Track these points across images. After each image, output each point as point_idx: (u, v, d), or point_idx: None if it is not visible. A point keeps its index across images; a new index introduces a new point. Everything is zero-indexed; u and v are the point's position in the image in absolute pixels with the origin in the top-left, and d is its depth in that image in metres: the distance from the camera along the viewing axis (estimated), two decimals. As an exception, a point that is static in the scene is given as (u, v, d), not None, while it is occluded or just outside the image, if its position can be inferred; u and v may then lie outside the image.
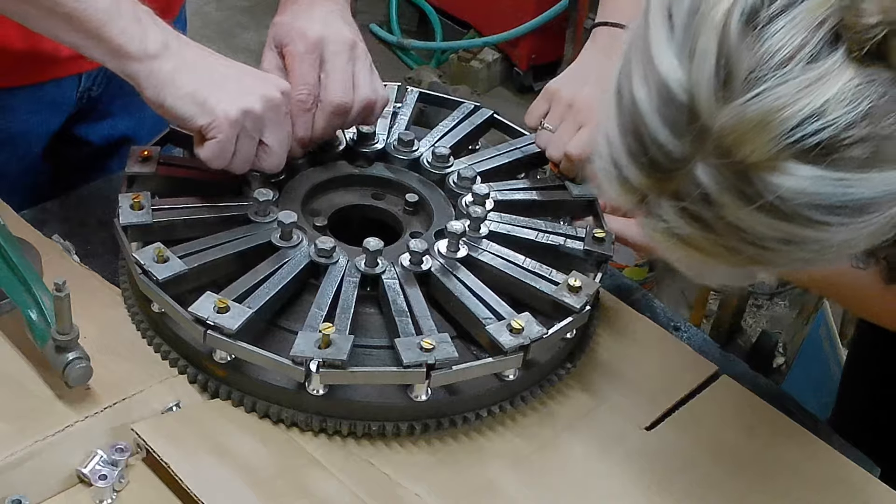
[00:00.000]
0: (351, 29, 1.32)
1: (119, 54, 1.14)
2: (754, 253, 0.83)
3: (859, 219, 0.80)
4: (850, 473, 1.18)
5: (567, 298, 1.19)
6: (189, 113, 1.16)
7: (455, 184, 1.32)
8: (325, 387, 1.10)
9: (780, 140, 0.76)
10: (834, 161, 0.77)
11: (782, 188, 0.78)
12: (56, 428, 1.06)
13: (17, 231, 1.21)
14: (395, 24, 4.02)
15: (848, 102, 0.75)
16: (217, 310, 1.09)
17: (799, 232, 0.81)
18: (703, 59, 0.78)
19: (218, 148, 1.17)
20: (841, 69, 0.76)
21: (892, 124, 0.77)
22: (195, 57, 1.19)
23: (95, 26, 1.12)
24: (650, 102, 0.81)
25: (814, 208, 0.79)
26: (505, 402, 1.17)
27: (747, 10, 0.77)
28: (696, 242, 0.85)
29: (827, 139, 0.76)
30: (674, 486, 1.14)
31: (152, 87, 1.16)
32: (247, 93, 1.18)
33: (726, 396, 1.26)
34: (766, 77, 0.76)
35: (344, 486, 1.06)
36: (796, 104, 0.76)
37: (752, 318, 3.06)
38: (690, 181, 0.81)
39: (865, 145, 0.77)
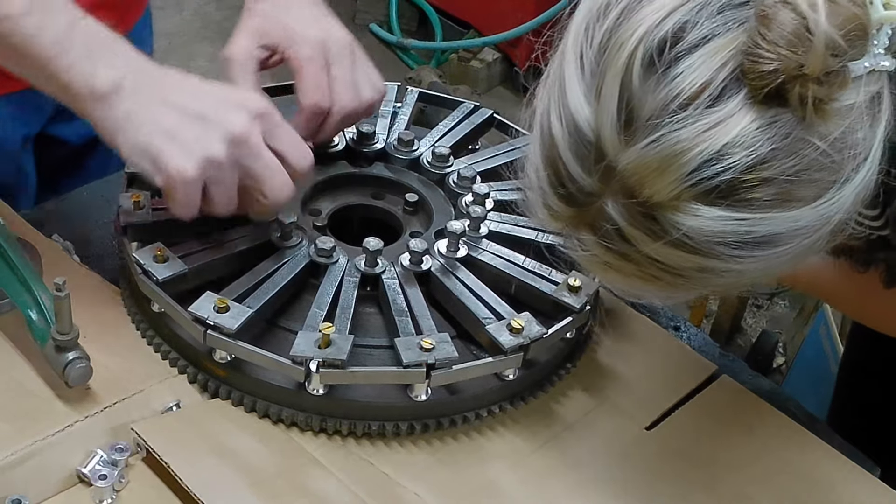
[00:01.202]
0: (338, 23, 1.27)
1: (67, 93, 1.04)
2: (674, 280, 0.85)
3: (770, 251, 0.82)
4: (849, 473, 1.18)
5: (567, 298, 1.19)
6: (143, 169, 1.07)
7: (455, 183, 1.32)
8: (325, 386, 1.10)
9: (680, 183, 0.78)
10: (735, 202, 0.79)
11: (686, 227, 0.80)
12: (56, 428, 1.06)
13: (17, 231, 1.21)
14: (395, 24, 4.02)
15: (748, 146, 0.77)
16: (217, 310, 1.09)
17: (712, 264, 0.82)
18: (607, 100, 0.80)
19: (179, 207, 1.08)
20: (741, 112, 0.77)
21: (794, 165, 0.78)
22: (150, 97, 1.06)
23: (44, 61, 1.02)
24: (564, 138, 0.83)
25: (720, 244, 0.81)
26: (505, 402, 1.17)
27: (650, 54, 0.78)
28: (619, 269, 0.87)
29: (727, 182, 0.78)
30: (674, 486, 1.14)
31: (105, 132, 1.06)
32: (207, 138, 1.05)
33: (726, 396, 1.26)
34: (667, 121, 0.77)
35: (344, 486, 1.06)
36: (695, 148, 0.77)
37: (752, 318, 3.06)
38: (603, 215, 0.83)
39: (768, 187, 0.79)
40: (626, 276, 0.87)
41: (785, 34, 0.75)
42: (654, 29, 0.78)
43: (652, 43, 0.78)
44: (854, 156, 0.81)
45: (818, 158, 0.79)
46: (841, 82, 0.77)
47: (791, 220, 0.81)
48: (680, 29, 0.78)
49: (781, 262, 0.85)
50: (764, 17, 0.76)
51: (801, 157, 0.78)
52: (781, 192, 0.79)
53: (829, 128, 0.79)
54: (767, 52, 0.75)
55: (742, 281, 0.87)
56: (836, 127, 0.79)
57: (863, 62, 0.79)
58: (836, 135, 0.79)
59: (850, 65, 0.78)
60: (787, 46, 0.75)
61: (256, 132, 1.08)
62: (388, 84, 1.49)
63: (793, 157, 0.78)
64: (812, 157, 0.79)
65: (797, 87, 0.76)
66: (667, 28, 0.78)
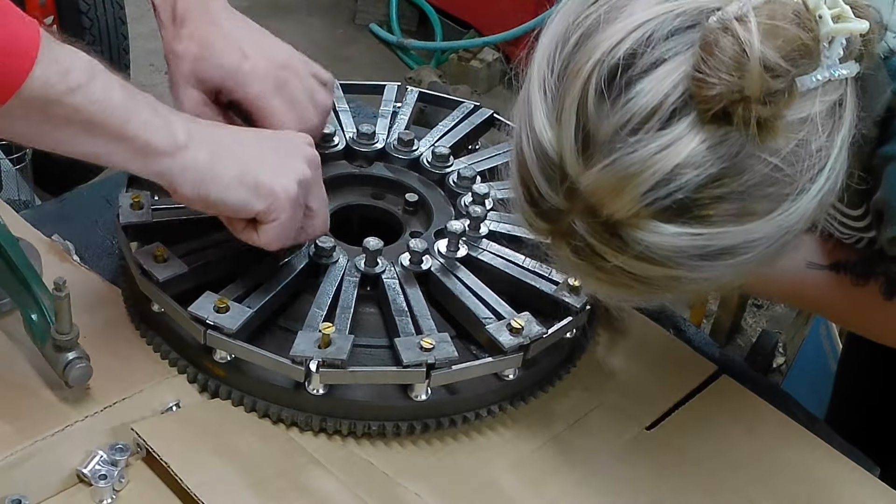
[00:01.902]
0: (264, 34, 1.22)
1: (147, 152, 0.99)
2: (646, 288, 0.89)
3: (734, 260, 0.85)
4: (849, 473, 1.18)
5: (567, 298, 1.19)
6: (241, 200, 1.04)
7: (455, 183, 1.32)
8: (325, 386, 1.10)
9: (637, 202, 0.81)
10: (691, 219, 0.82)
11: (647, 242, 0.83)
12: (56, 428, 1.06)
13: (17, 231, 1.21)
14: (395, 24, 4.02)
15: (698, 165, 0.80)
16: (217, 309, 1.09)
17: (678, 273, 0.86)
18: (566, 125, 0.83)
19: (281, 230, 1.07)
20: (691, 134, 0.79)
21: (746, 181, 0.81)
22: (221, 139, 1.07)
23: (118, 126, 0.97)
24: (532, 159, 0.87)
25: (682, 257, 0.84)
26: (505, 402, 1.17)
27: (603, 80, 0.81)
28: (595, 277, 0.90)
29: (681, 200, 0.81)
30: (674, 486, 1.14)
31: (190, 183, 1.02)
32: (291, 159, 1.09)
33: (726, 396, 1.26)
34: (620, 144, 0.80)
35: (344, 486, 1.06)
36: (648, 170, 0.80)
37: (752, 318, 3.06)
38: (573, 231, 0.87)
39: (722, 203, 0.81)
40: (601, 284, 0.91)
41: (725, 60, 0.78)
42: (606, 56, 0.81)
43: (605, 69, 0.81)
44: (809, 167, 0.83)
45: (770, 174, 0.81)
46: (787, 100, 0.80)
47: (748, 233, 0.84)
48: (631, 55, 0.80)
49: (751, 266, 0.88)
50: (706, 43, 0.79)
51: (752, 173, 0.81)
52: (735, 208, 0.82)
53: (780, 143, 0.81)
54: (710, 76, 0.78)
55: (714, 284, 0.90)
56: (788, 141, 0.81)
57: (814, 75, 0.82)
58: (789, 149, 0.82)
59: (799, 80, 0.80)
60: (727, 71, 0.78)
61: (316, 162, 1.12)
62: (387, 84, 1.50)
63: (744, 174, 0.81)
64: (764, 172, 0.81)
65: (740, 109, 0.78)
66: (619, 55, 0.81)
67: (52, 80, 0.91)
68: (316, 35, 4.02)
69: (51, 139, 0.97)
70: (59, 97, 0.92)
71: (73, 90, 0.93)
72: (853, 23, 0.83)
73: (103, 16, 2.62)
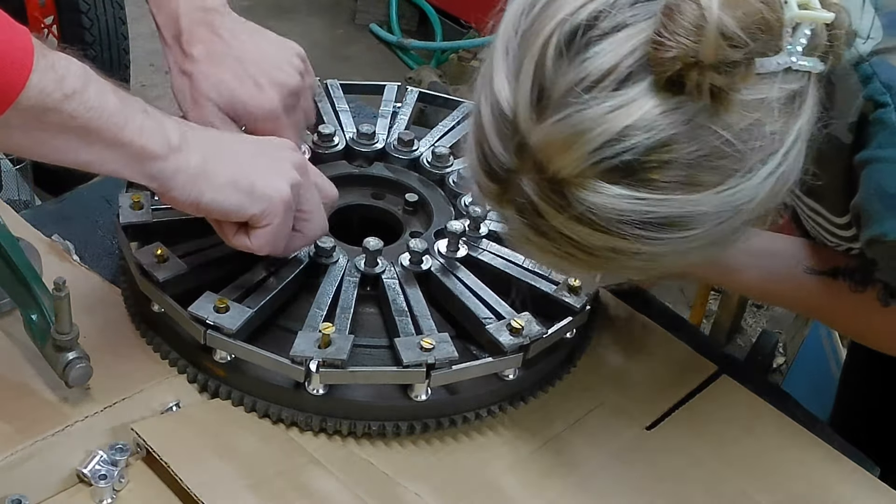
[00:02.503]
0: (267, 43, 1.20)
1: (142, 157, 0.98)
2: (590, 259, 0.89)
3: (677, 234, 0.86)
4: (850, 473, 1.18)
5: (567, 298, 1.19)
6: (235, 204, 1.04)
7: (455, 183, 1.32)
8: (325, 386, 1.10)
9: (583, 160, 0.82)
10: (636, 182, 0.82)
11: (589, 203, 0.84)
12: (56, 428, 1.06)
13: (17, 231, 1.21)
14: (395, 24, 4.02)
15: (649, 129, 0.80)
16: (217, 310, 1.09)
17: (620, 244, 0.86)
18: (523, 80, 0.84)
19: (273, 234, 1.07)
20: (645, 97, 0.80)
21: (696, 151, 0.82)
22: (213, 142, 1.06)
23: (114, 132, 0.96)
24: (489, 117, 0.88)
25: (623, 223, 0.84)
26: (505, 402, 1.17)
27: (564, 39, 0.82)
28: (538, 245, 0.91)
29: (628, 162, 0.81)
30: (674, 486, 1.14)
31: (182, 186, 1.01)
32: (281, 163, 1.08)
33: (726, 396, 1.26)
34: (573, 101, 0.81)
35: (344, 486, 1.06)
36: (598, 128, 0.81)
37: (752, 318, 3.06)
38: (520, 191, 0.87)
39: (669, 169, 0.82)
40: (544, 253, 0.92)
41: (685, 24, 0.79)
42: (570, 16, 0.82)
43: (567, 28, 0.82)
44: (760, 148, 0.84)
45: (720, 146, 0.82)
46: (745, 75, 0.81)
47: (692, 204, 0.84)
48: (594, 17, 0.82)
49: (695, 248, 0.88)
50: (668, 8, 0.80)
51: (702, 143, 0.82)
52: (682, 176, 0.82)
53: (733, 118, 0.82)
54: (668, 40, 0.79)
55: (658, 264, 0.90)
56: (742, 118, 0.82)
57: (775, 59, 0.83)
58: (742, 126, 0.82)
59: (758, 60, 0.81)
60: (685, 35, 0.79)
61: (304, 166, 1.12)
62: (387, 84, 1.50)
63: (694, 143, 0.81)
64: (714, 144, 0.82)
65: (695, 74, 0.79)
66: (582, 16, 0.82)
67: (48, 87, 0.90)
68: (316, 35, 4.02)
69: (47, 148, 0.95)
70: (56, 105, 0.91)
71: (68, 97, 0.92)
72: (818, 12, 0.84)
73: (103, 16, 2.62)
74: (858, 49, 0.94)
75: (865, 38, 0.94)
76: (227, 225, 1.09)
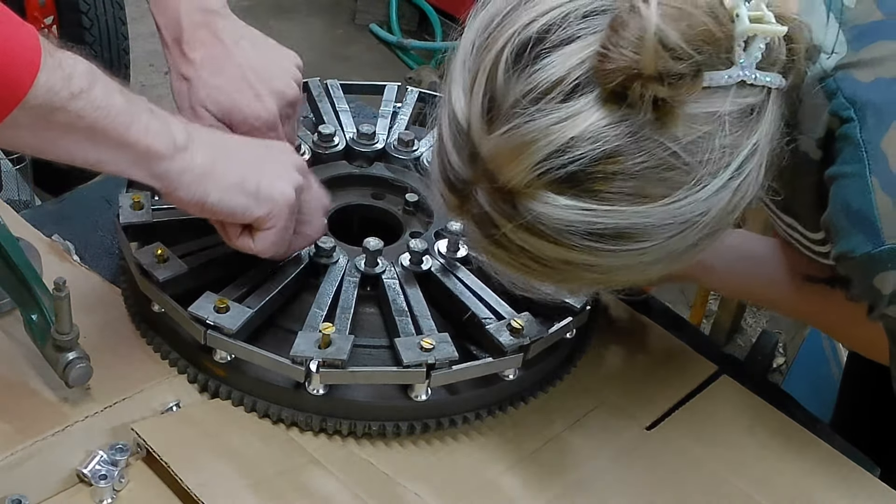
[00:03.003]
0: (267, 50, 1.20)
1: (148, 156, 0.98)
2: (546, 271, 0.90)
3: (628, 246, 0.86)
4: (850, 473, 1.18)
5: (567, 298, 1.19)
6: (241, 205, 1.04)
7: (455, 184, 1.32)
8: (325, 386, 1.10)
9: (531, 170, 0.83)
10: (582, 192, 0.83)
11: (538, 213, 0.85)
12: (56, 428, 1.06)
13: (17, 231, 1.21)
14: (395, 24, 4.02)
15: (594, 140, 0.81)
16: (217, 310, 1.09)
17: (571, 256, 0.87)
18: (476, 92, 0.86)
19: (277, 237, 1.08)
20: (591, 109, 0.81)
21: (643, 163, 0.82)
22: (218, 143, 1.06)
23: (120, 132, 0.96)
24: (447, 130, 0.90)
25: (572, 234, 0.85)
26: (505, 402, 1.17)
27: (515, 50, 0.83)
28: (499, 258, 0.92)
29: (573, 173, 0.82)
30: (674, 486, 1.14)
31: (187, 186, 1.01)
32: (285, 166, 1.09)
33: (726, 396, 1.26)
34: (521, 112, 0.82)
35: (344, 486, 1.06)
36: (545, 138, 0.82)
37: (752, 318, 3.06)
38: (476, 203, 0.89)
39: (615, 180, 0.83)
40: (504, 265, 0.93)
41: (628, 36, 0.80)
42: (522, 29, 0.83)
43: (518, 41, 0.83)
44: (710, 161, 0.84)
45: (668, 159, 0.82)
46: (691, 87, 0.81)
47: (640, 216, 0.84)
48: (545, 31, 0.83)
49: (651, 262, 0.88)
50: (615, 22, 0.81)
51: (649, 155, 0.82)
52: (629, 187, 0.83)
53: (681, 131, 0.82)
54: (612, 52, 0.80)
55: (615, 277, 0.91)
56: (690, 131, 0.82)
57: (726, 73, 0.83)
58: (691, 139, 0.83)
59: (708, 73, 0.82)
60: (628, 47, 0.79)
61: (305, 169, 1.13)
62: (387, 84, 1.50)
63: (640, 155, 0.82)
64: (661, 156, 0.82)
65: (638, 86, 0.80)
66: (534, 29, 0.83)
67: (56, 86, 0.90)
68: (316, 35, 4.02)
69: (54, 147, 0.95)
70: (64, 104, 0.91)
71: (76, 96, 0.92)
72: (771, 26, 0.84)
73: (103, 16, 2.62)
74: (823, 64, 0.94)
75: (830, 52, 0.94)
76: (230, 226, 1.09)
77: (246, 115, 1.14)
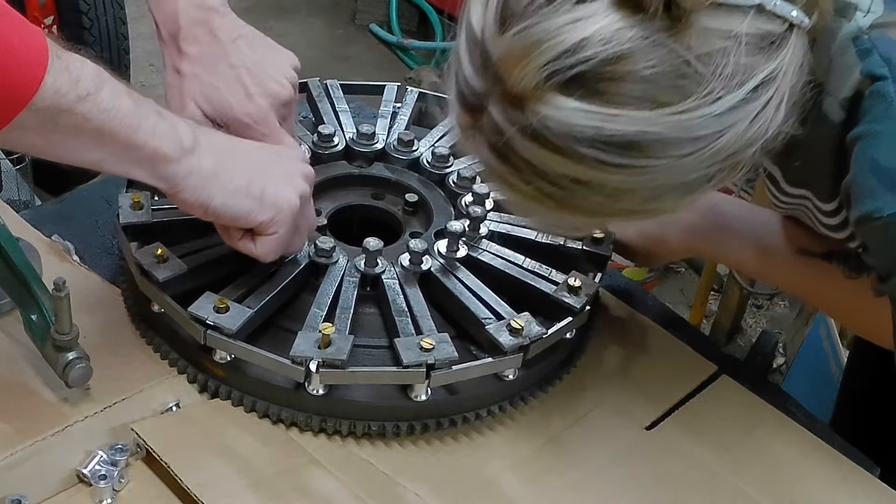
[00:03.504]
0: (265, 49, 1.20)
1: (155, 159, 0.98)
2: (555, 193, 0.89)
3: (635, 161, 0.85)
4: (850, 473, 1.18)
5: (567, 298, 1.19)
6: (245, 209, 1.04)
7: (455, 184, 1.32)
8: (325, 387, 1.10)
9: (540, 70, 0.83)
10: (591, 94, 0.83)
11: (543, 116, 0.84)
12: (56, 428, 1.06)
13: (17, 231, 1.21)
14: (395, 24, 4.02)
15: (605, 42, 0.81)
16: (217, 310, 1.09)
17: (580, 171, 0.86)
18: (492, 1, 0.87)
19: (279, 242, 1.09)
20: (605, 11, 0.82)
21: (653, 67, 0.82)
22: (224, 145, 1.07)
23: (127, 134, 0.95)
24: (463, 46, 0.91)
25: (580, 142, 0.84)
26: (505, 402, 1.17)
27: None
28: (510, 182, 0.92)
29: (583, 73, 0.82)
30: (674, 486, 1.14)
31: (192, 189, 1.01)
32: (292, 173, 1.10)
33: (726, 396, 1.26)
34: (535, 12, 0.83)
35: (344, 486, 1.06)
36: (555, 38, 0.82)
37: (752, 318, 3.06)
38: (487, 116, 0.89)
39: (624, 82, 0.82)
40: (514, 192, 0.93)
41: None
42: None
43: None
44: (724, 76, 0.83)
45: (680, 66, 0.83)
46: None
47: (648, 123, 0.84)
48: None
49: (659, 186, 0.88)
50: None
51: (660, 60, 0.82)
52: (638, 90, 0.83)
53: (696, 41, 0.82)
54: None
55: (622, 204, 0.90)
56: (705, 43, 0.82)
57: None
58: (704, 50, 0.83)
59: None
60: None
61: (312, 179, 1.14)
62: (387, 84, 1.50)
63: (652, 59, 0.82)
64: (673, 63, 0.82)
65: None
66: None
67: (63, 88, 0.90)
68: (316, 35, 4.02)
69: (61, 149, 0.95)
70: (71, 106, 0.91)
71: (83, 98, 0.91)
72: None
73: (103, 16, 2.62)
74: (858, 22, 0.93)
75: (866, 11, 0.93)
76: (233, 229, 1.09)
77: (236, 113, 1.14)
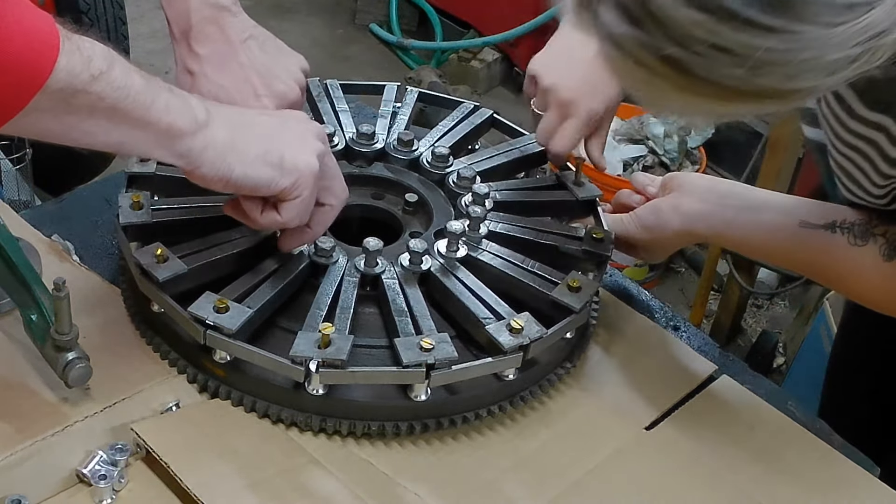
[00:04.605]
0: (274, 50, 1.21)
1: (170, 135, 0.99)
2: (688, 58, 0.80)
3: (783, 22, 0.77)
4: (849, 473, 1.18)
5: (567, 298, 1.19)
6: (266, 177, 1.04)
7: (455, 184, 1.32)
8: (325, 386, 1.10)
9: None
10: None
11: None
12: (56, 428, 1.06)
13: (17, 231, 1.21)
14: (395, 24, 4.02)
15: None
16: (216, 310, 1.09)
17: (725, 32, 0.78)
18: None
19: (303, 206, 1.08)
20: None
21: None
22: (236, 116, 1.07)
23: (141, 112, 0.96)
24: None
25: None
26: (505, 402, 1.17)
27: None
28: (637, 55, 0.83)
29: None
30: (674, 486, 1.14)
31: (211, 162, 1.02)
32: (306, 136, 1.09)
33: (726, 396, 1.26)
34: None
35: (344, 486, 1.06)
36: None
37: (752, 318, 3.06)
38: None
39: None
40: (639, 66, 0.84)
41: None
42: None
43: None
44: None
45: None
46: None
47: None
48: None
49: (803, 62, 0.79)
50: None
51: None
52: None
53: None
54: None
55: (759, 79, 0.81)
56: None
57: None
58: None
59: None
60: None
61: (324, 136, 1.13)
62: (387, 84, 1.50)
63: None
64: None
65: None
66: None
67: (76, 69, 0.90)
68: (316, 35, 4.03)
69: (76, 131, 0.95)
70: (84, 86, 0.91)
71: (96, 78, 0.92)
72: None
73: (103, 16, 2.62)
74: None
75: None
76: (251, 205, 1.09)
77: None
